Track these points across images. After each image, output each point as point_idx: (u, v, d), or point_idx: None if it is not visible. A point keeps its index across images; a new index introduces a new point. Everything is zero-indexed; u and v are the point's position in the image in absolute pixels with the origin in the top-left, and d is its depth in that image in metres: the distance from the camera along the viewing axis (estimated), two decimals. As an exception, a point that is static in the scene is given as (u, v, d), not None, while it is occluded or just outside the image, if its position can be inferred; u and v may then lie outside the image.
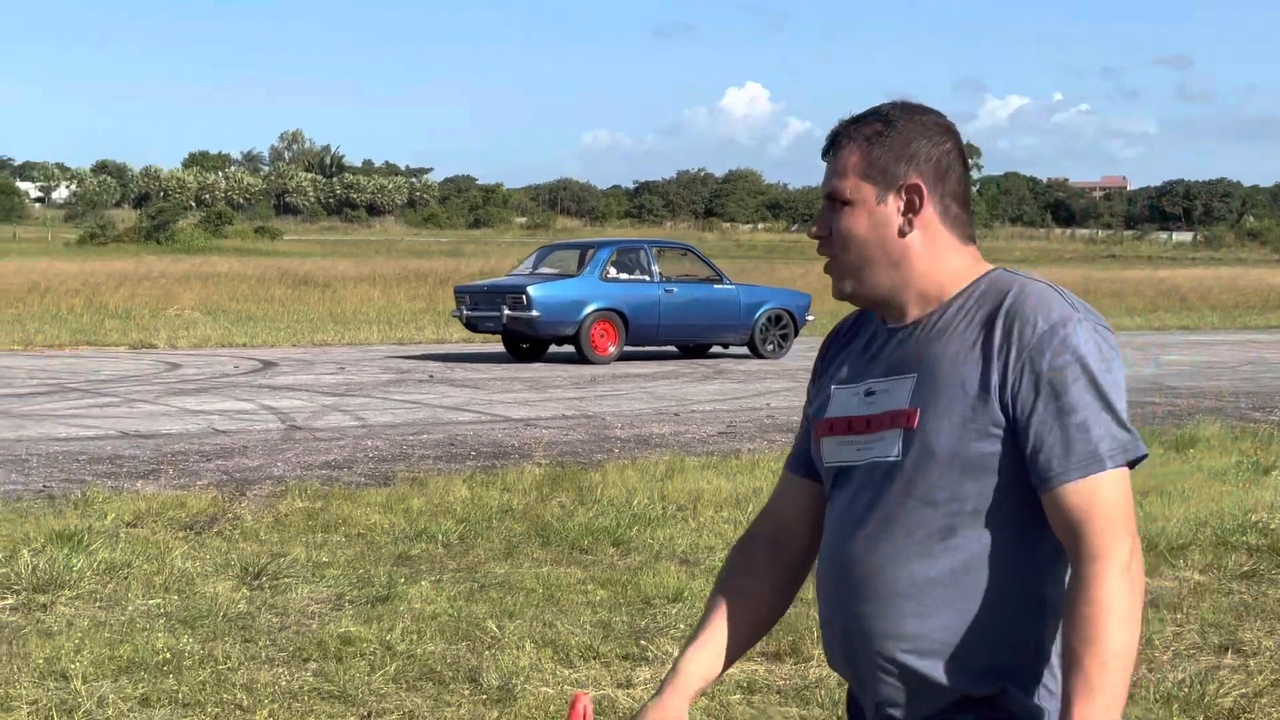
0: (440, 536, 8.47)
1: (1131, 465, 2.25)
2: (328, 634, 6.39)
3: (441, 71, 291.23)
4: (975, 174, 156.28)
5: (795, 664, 6.24)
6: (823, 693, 5.85)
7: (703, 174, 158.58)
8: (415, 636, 6.39)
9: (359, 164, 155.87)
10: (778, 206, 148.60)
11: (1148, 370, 20.13)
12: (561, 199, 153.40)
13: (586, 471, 10.66)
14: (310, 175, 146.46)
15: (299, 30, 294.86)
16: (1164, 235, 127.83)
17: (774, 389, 17.29)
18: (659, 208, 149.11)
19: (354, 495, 9.62)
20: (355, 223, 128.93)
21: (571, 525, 8.76)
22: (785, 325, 22.44)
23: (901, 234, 2.32)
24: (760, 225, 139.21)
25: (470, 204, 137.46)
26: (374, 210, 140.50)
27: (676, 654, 6.18)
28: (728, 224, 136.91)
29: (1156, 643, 6.64)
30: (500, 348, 21.77)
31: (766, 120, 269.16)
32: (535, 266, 22.24)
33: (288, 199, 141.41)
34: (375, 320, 28.33)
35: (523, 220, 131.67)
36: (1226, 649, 6.59)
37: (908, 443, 2.25)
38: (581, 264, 21.48)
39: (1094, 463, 2.18)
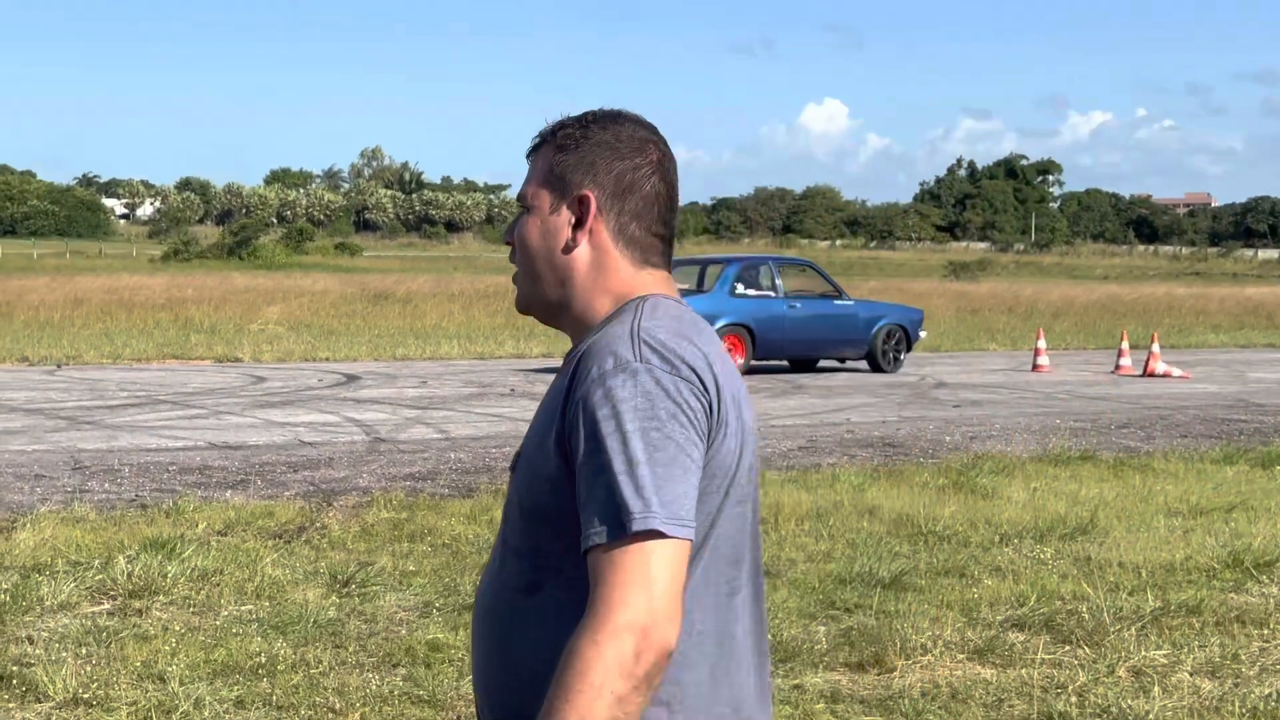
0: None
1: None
2: (416, 640, 6.50)
3: (519, 89, 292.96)
4: (1056, 190, 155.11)
5: (879, 674, 6.27)
6: (906, 702, 5.88)
7: (780, 190, 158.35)
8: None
9: (438, 180, 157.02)
10: (856, 223, 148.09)
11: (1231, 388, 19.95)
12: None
13: (667, 484, 10.71)
14: (390, 192, 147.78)
15: (379, 48, 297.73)
16: (1249, 252, 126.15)
17: (854, 404, 17.28)
18: (736, 224, 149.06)
19: (438, 506, 9.73)
20: (434, 239, 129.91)
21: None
22: (900, 340, 22.74)
23: (567, 249, 2.13)
24: (838, 242, 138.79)
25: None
26: (452, 227, 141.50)
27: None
28: (805, 240, 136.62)
29: (1243, 658, 6.61)
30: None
31: (844, 136, 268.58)
32: (728, 285, 22.25)
33: (367, 215, 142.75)
34: (455, 335, 28.56)
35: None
36: (1314, 665, 6.55)
37: (510, 488, 2.14)
38: (704, 280, 22.13)
39: (610, 528, 1.91)
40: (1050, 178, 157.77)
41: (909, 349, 23.07)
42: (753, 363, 21.43)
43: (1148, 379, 21.28)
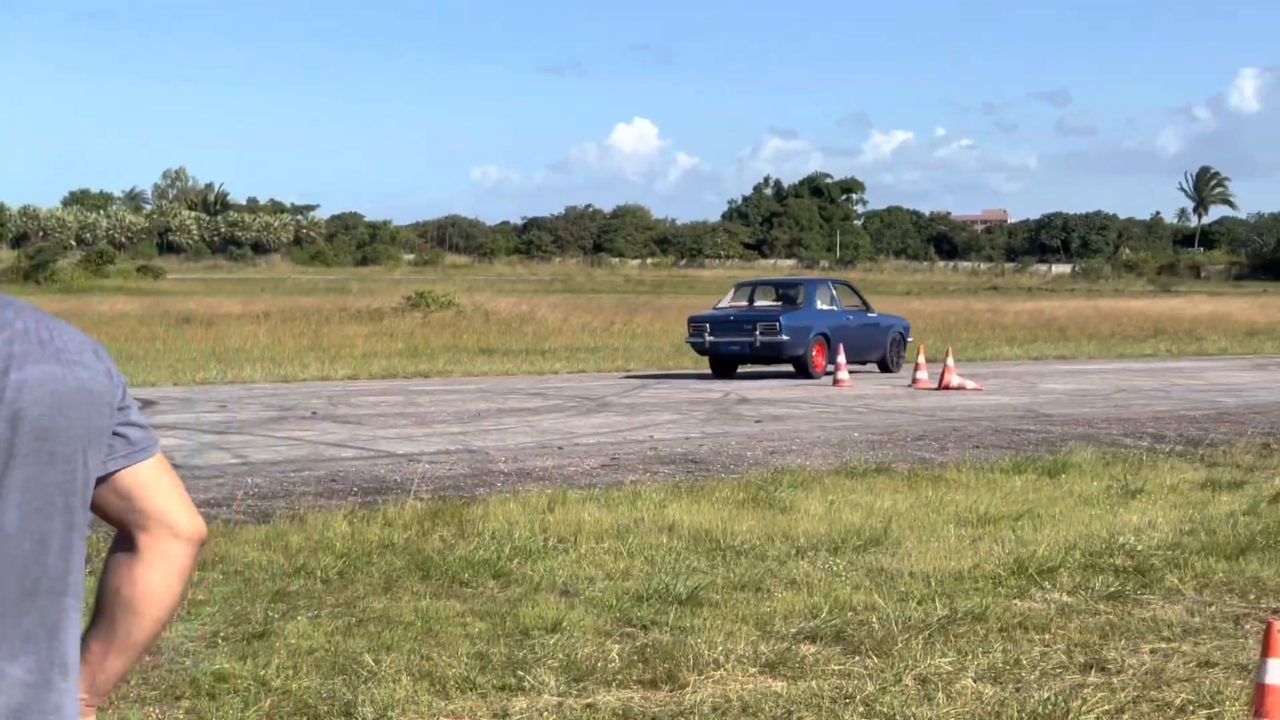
0: (319, 572, 8.44)
1: None
2: (201, 671, 6.35)
3: (328, 108, 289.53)
4: (859, 207, 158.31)
5: (671, 690, 6.30)
6: (697, 718, 5.92)
7: (591, 210, 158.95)
8: (291, 672, 6.37)
9: (244, 201, 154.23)
10: (666, 241, 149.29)
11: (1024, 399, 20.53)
12: (450, 235, 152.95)
13: (468, 505, 10.67)
14: (194, 213, 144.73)
15: (182, 66, 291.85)
16: (1044, 267, 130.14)
17: (659, 421, 17.39)
18: (547, 244, 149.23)
19: (232, 533, 9.54)
20: (241, 261, 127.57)
21: (452, 559, 8.77)
22: (901, 345, 26.92)
23: None
24: (649, 260, 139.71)
25: (358, 241, 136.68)
26: (259, 248, 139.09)
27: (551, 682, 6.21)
28: (616, 259, 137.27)
29: (1024, 663, 6.79)
30: (386, 381, 21.81)
31: (655, 156, 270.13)
32: (750, 300, 26.84)
33: (171, 237, 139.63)
34: (259, 358, 28.06)
35: (411, 257, 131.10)
36: (1091, 667, 6.75)
37: None
38: (794, 298, 26.00)
39: None
40: (854, 196, 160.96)
41: (904, 352, 26.99)
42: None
43: (943, 392, 21.79)
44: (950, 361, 22.82)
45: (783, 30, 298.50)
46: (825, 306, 25.81)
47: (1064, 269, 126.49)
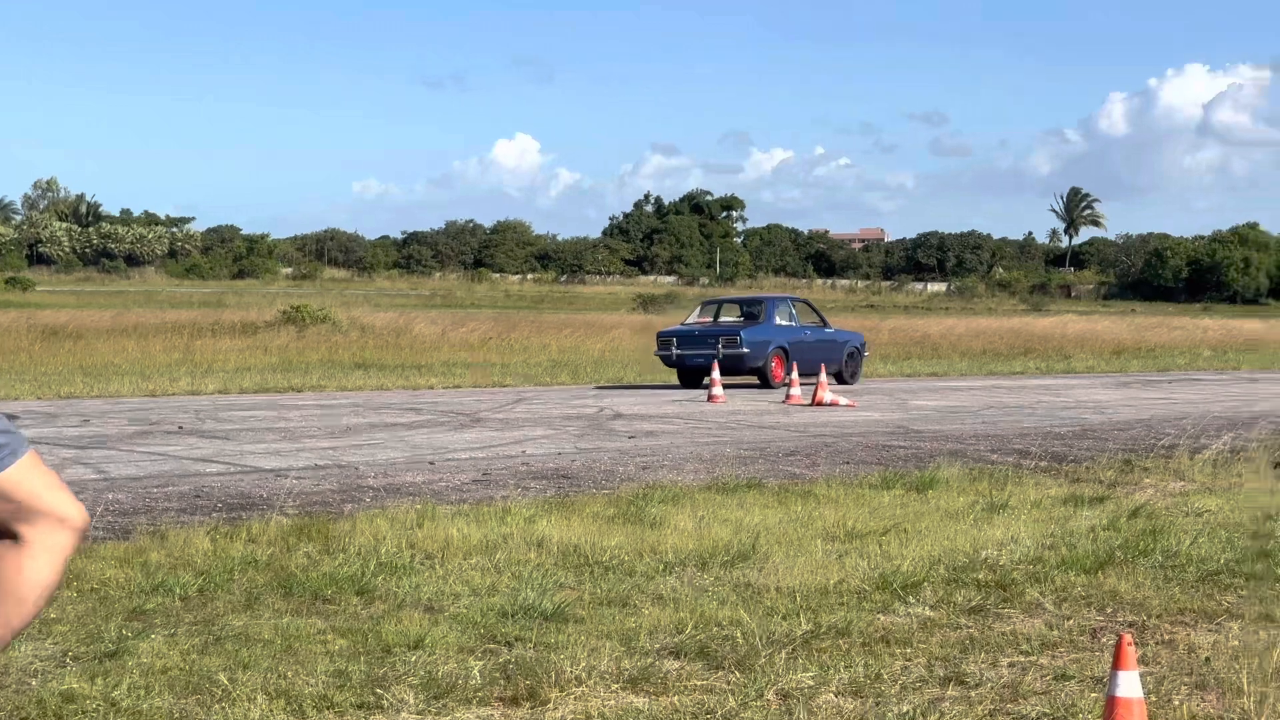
0: (178, 590, 8.28)
1: None
2: (49, 692, 6.19)
3: (205, 119, 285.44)
4: (739, 225, 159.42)
5: (532, 707, 6.26)
6: (556, 735, 5.88)
7: (471, 225, 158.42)
8: (143, 691, 6.23)
9: (117, 213, 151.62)
10: (547, 257, 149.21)
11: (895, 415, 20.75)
12: (329, 249, 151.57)
13: (335, 521, 10.54)
14: (65, 224, 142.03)
15: (53, 73, 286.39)
16: (919, 285, 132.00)
17: (532, 436, 17.33)
18: (428, 258, 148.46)
19: (88, 550, 9.33)
20: (113, 273, 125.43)
21: (315, 575, 8.65)
22: (858, 358, 29.42)
23: None
24: (529, 276, 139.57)
25: (234, 254, 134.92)
26: (133, 261, 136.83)
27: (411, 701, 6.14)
28: (497, 274, 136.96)
29: (885, 677, 6.83)
30: (258, 396, 21.53)
31: (536, 171, 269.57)
32: (715, 316, 29.18)
33: (41, 249, 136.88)
34: (128, 372, 27.56)
35: (289, 271, 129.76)
36: (951, 681, 6.81)
37: None
38: (755, 314, 28.27)
39: None
40: (734, 213, 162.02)
41: (860, 365, 29.57)
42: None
43: (816, 407, 21.97)
44: (824, 378, 23.01)
45: (664, 48, 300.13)
46: (784, 322, 28.08)
47: (939, 287, 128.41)
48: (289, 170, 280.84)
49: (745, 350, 26.65)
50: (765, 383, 27.09)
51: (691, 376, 27.15)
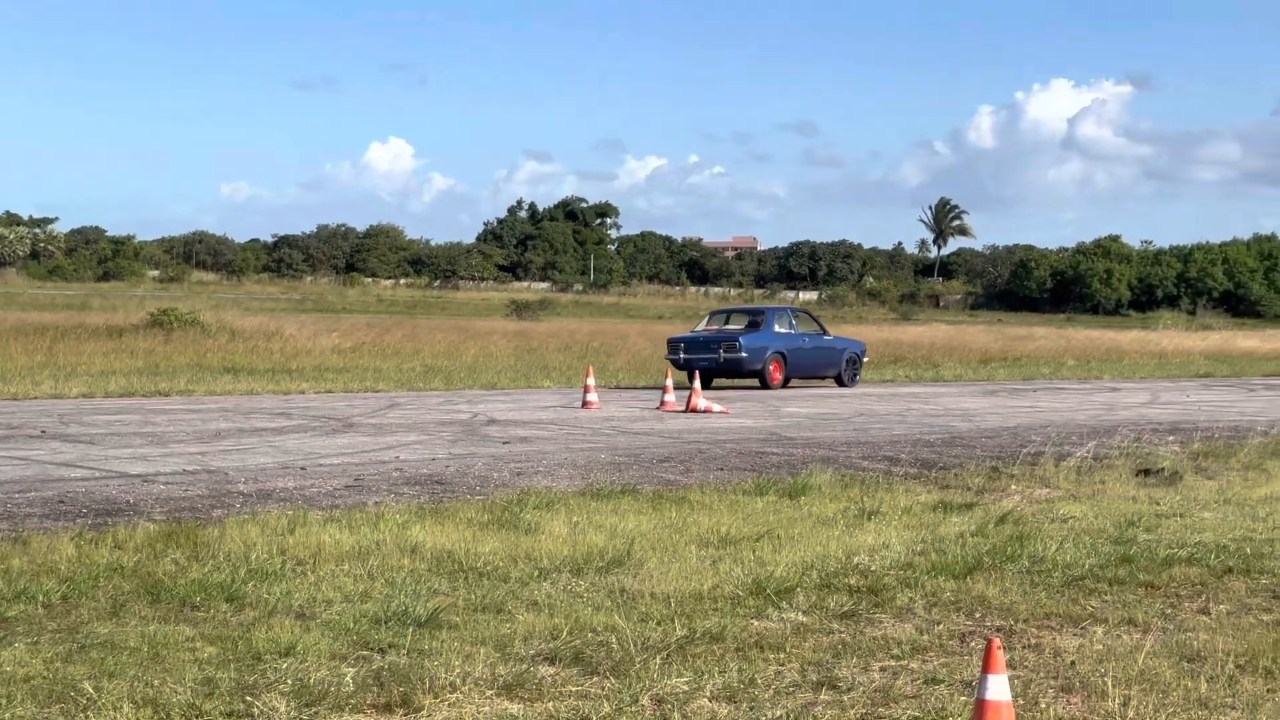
0: (41, 597, 8.09)
1: None
2: (-95, 702, 6.02)
3: (69, 117, 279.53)
4: (613, 232, 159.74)
5: (405, 714, 6.21)
6: (430, 742, 5.84)
7: (344, 228, 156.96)
8: (4, 701, 6.08)
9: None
10: (420, 262, 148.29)
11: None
12: (197, 252, 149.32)
13: (204, 527, 10.37)
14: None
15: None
16: (791, 294, 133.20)
17: (405, 442, 17.20)
18: (299, 262, 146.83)
19: (-52, 556, 9.08)
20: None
21: (184, 582, 8.51)
22: (857, 364, 32.35)
23: None
24: (402, 281, 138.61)
25: (99, 256, 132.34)
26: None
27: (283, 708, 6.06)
28: (369, 279, 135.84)
29: (759, 682, 6.87)
30: (123, 400, 21.14)
31: (409, 176, 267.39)
32: (723, 324, 31.77)
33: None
34: (-12, 374, 26.90)
35: (156, 274, 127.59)
36: (823, 686, 6.87)
37: None
38: (757, 323, 30.77)
39: None
40: (608, 220, 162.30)
41: (859, 370, 32.62)
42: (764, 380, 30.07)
43: (690, 414, 22.06)
44: (697, 385, 23.12)
45: (538, 54, 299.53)
46: (783, 330, 30.78)
47: (811, 296, 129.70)
48: (156, 172, 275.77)
49: (744, 355, 29.58)
50: (764, 384, 30.02)
51: (703, 378, 29.02)
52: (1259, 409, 26.69)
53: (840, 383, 31.75)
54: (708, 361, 29.39)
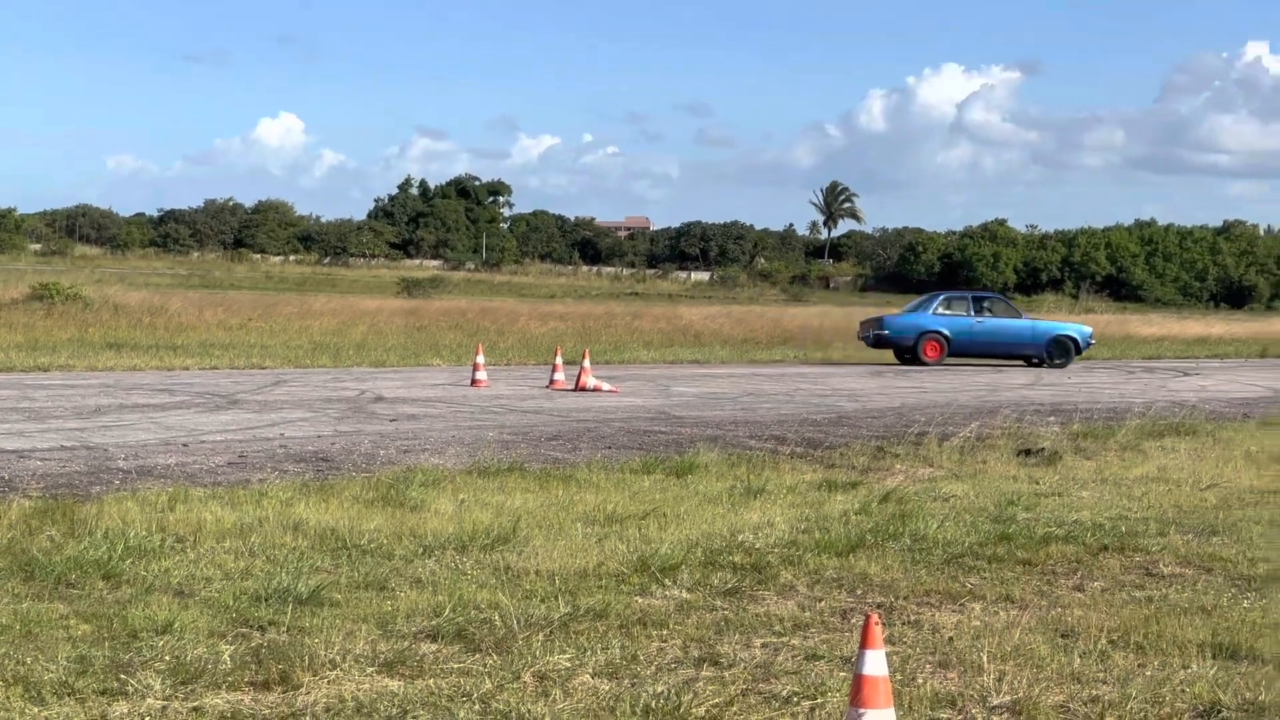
0: (-90, 574, 7.92)
1: None
2: None
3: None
4: (506, 210, 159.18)
5: (284, 691, 6.15)
6: (309, 718, 5.79)
7: (232, 204, 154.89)
8: None
9: None
10: (309, 238, 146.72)
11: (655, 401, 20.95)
12: (81, 226, 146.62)
13: (82, 504, 10.20)
14: None
15: None
16: (683, 274, 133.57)
17: (290, 419, 17.03)
18: (185, 237, 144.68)
19: None
20: None
21: (59, 559, 8.36)
22: (1065, 346, 34.51)
23: None
24: (292, 257, 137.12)
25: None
26: None
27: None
28: (258, 255, 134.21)
29: (641, 658, 6.89)
30: (7, 376, 20.75)
31: (300, 151, 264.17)
32: (933, 308, 34.81)
33: None
34: None
35: (37, 247, 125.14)
36: (705, 662, 6.91)
37: None
38: (919, 306, 35.32)
39: None
40: (501, 198, 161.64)
41: (1076, 354, 34.77)
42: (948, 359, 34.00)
43: (579, 393, 22.06)
44: (587, 364, 23.12)
45: (431, 31, 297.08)
46: (945, 312, 34.30)
47: (703, 276, 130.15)
48: (39, 144, 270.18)
49: (886, 332, 34.07)
50: (916, 360, 33.63)
51: (891, 352, 34.71)
52: (1137, 390, 27.22)
53: (1043, 363, 34.23)
54: (872, 337, 34.52)
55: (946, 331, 33.95)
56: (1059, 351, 34.49)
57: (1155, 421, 18.93)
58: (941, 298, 35.30)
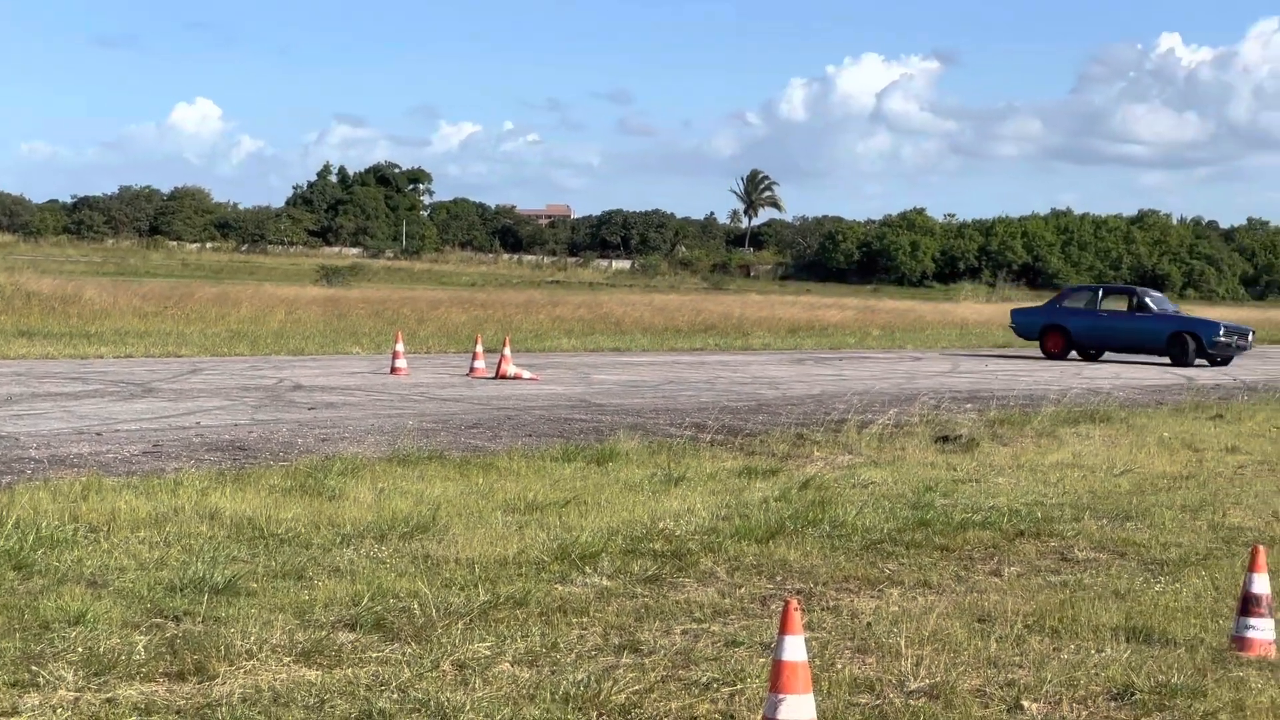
0: None
1: None
2: None
3: None
4: (426, 198, 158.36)
5: (199, 682, 6.08)
6: (225, 709, 5.73)
7: (148, 190, 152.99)
8: None
9: None
10: (227, 226, 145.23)
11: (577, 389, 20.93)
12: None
13: (-8, 494, 10.03)
14: None
15: None
16: (604, 262, 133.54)
17: (207, 407, 16.84)
18: (100, 224, 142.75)
19: None
20: None
21: (-32, 550, 8.21)
22: (1186, 342, 33.72)
23: None
24: (209, 245, 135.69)
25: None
26: None
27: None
28: (174, 242, 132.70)
29: (561, 646, 6.88)
30: None
31: (217, 138, 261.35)
32: (1062, 300, 36.34)
33: None
34: None
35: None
36: (625, 649, 6.92)
37: None
38: (1055, 301, 36.53)
39: None
40: (421, 186, 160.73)
41: (1198, 351, 33.68)
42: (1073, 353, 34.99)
43: (500, 381, 22.00)
44: (507, 351, 23.05)
45: (351, 16, 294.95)
46: (1075, 305, 35.42)
47: (624, 265, 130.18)
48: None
49: (1014, 325, 36.06)
50: (1046, 352, 34.87)
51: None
52: (1052, 377, 27.53)
53: (1170, 358, 33.93)
54: (1013, 327, 36.57)
55: (1068, 326, 34.71)
56: (1176, 347, 33.83)
57: (1070, 408, 19.16)
58: (1074, 292, 36.50)
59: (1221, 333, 33.94)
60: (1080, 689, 6.49)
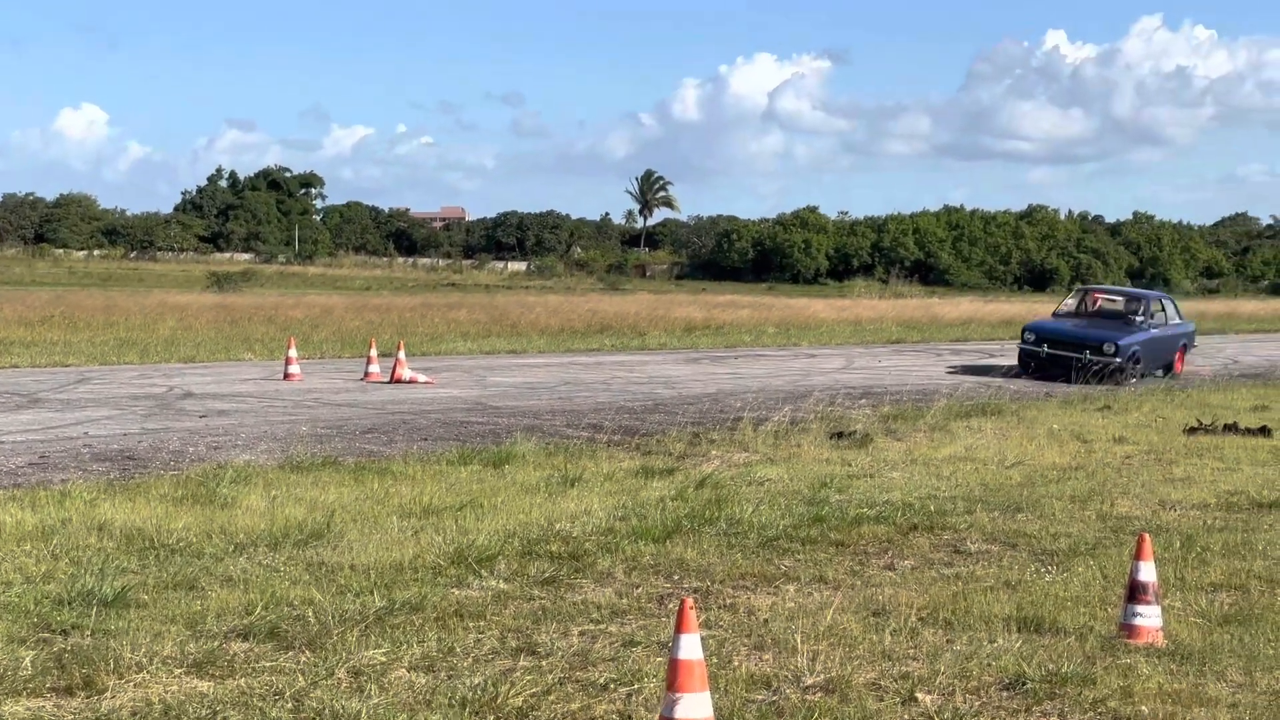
0: None
1: None
2: None
3: None
4: (318, 202, 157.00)
5: (88, 696, 5.98)
6: (114, 725, 5.64)
7: (32, 198, 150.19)
8: None
9: None
10: (115, 233, 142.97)
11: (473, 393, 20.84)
12: None
13: (-128, 510, 9.79)
14: None
15: None
16: (500, 264, 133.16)
17: (95, 417, 16.56)
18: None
19: None
20: None
21: None
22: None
23: None
24: (96, 252, 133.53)
25: None
26: None
27: (-48, 697, 5.75)
28: (60, 250, 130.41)
29: (458, 650, 6.85)
30: None
31: (103, 143, 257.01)
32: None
33: None
34: None
35: None
36: (522, 652, 6.90)
37: None
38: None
39: None
40: (313, 190, 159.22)
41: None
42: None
43: (395, 385, 21.84)
44: (402, 355, 22.89)
45: (240, 20, 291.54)
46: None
47: (520, 266, 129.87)
48: None
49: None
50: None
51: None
52: (944, 373, 27.85)
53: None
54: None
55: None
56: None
57: (962, 402, 19.39)
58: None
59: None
60: (973, 679, 6.57)
